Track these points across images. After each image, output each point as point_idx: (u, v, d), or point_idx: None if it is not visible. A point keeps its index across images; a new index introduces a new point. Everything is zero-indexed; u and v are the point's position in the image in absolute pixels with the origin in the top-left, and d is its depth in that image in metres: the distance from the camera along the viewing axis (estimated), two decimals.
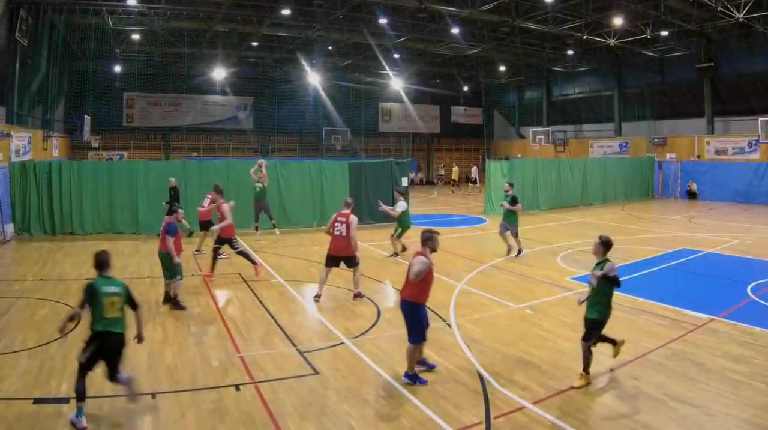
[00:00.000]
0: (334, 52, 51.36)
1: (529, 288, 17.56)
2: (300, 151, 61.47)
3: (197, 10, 38.11)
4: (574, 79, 59.84)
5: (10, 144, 29.10)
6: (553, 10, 38.40)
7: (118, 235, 26.54)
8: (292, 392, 10.14)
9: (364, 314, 14.92)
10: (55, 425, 8.77)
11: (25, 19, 32.31)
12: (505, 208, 22.29)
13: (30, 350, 11.87)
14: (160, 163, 33.58)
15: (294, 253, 23.21)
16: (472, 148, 70.79)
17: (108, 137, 54.46)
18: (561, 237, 27.12)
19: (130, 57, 51.48)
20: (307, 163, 30.71)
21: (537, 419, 9.09)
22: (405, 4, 37.10)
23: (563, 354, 11.91)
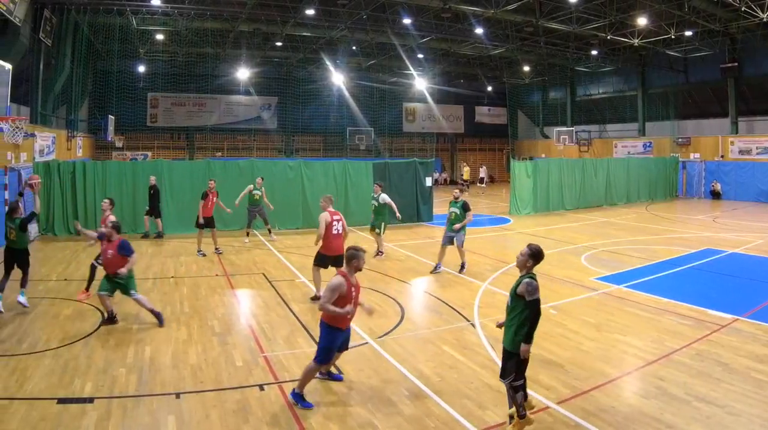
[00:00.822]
0: (358, 52, 51.33)
1: (552, 288, 17.49)
2: (324, 151, 61.61)
3: (221, 10, 38.30)
4: (598, 79, 59.70)
5: (34, 144, 29.26)
6: (577, 10, 38.36)
7: (141, 235, 26.61)
8: (316, 392, 10.14)
9: (388, 314, 14.92)
10: (79, 426, 8.79)
11: (49, 19, 32.48)
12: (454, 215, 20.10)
13: (54, 350, 11.90)
14: (184, 163, 33.58)
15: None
16: (496, 148, 70.69)
17: (132, 137, 54.80)
18: (585, 237, 27.04)
19: (154, 57, 51.72)
20: (332, 163, 30.72)
21: (561, 419, 9.10)
22: (429, 4, 37.11)
23: (587, 354, 11.88)
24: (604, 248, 24.06)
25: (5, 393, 9.82)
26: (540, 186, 36.35)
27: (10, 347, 12.07)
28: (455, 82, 66.35)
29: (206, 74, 56.11)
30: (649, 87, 54.67)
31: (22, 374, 10.62)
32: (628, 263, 21.28)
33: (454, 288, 17.62)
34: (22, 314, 14.53)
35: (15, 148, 25.51)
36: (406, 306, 15.68)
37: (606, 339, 12.77)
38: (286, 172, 29.24)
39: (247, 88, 57.43)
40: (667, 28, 40.41)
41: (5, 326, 13.51)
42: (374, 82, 60.79)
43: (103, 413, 9.16)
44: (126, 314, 14.66)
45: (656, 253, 23.14)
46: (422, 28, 42.65)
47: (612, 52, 51.44)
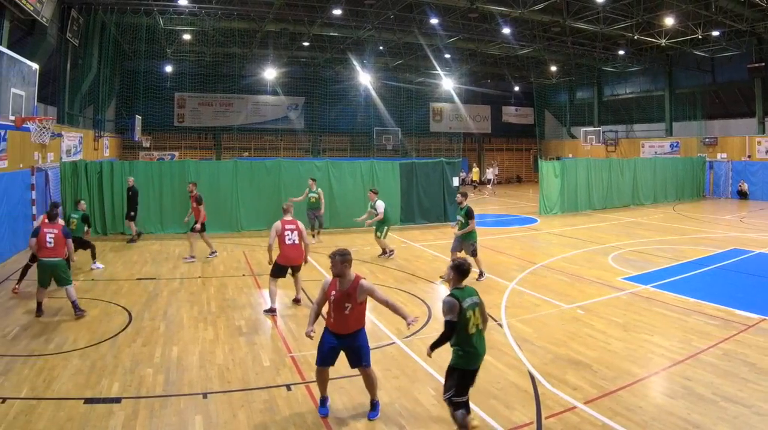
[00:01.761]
0: (385, 51, 51.26)
1: (580, 288, 17.53)
2: (351, 151, 61.58)
3: (248, 10, 38.33)
4: (625, 79, 59.43)
5: (61, 144, 29.45)
6: (604, 10, 38.25)
7: (168, 235, 26.72)
8: (343, 392, 10.22)
9: (415, 313, 14.69)
10: (106, 426, 8.87)
11: (76, 19, 32.65)
12: (460, 224, 18.97)
13: (81, 350, 12.00)
14: (211, 163, 33.72)
15: None
16: (523, 148, 70.48)
17: (159, 137, 55.00)
18: (612, 237, 26.96)
19: (181, 57, 51.89)
20: (359, 163, 30.77)
21: (588, 419, 9.10)
22: (456, 4, 37.08)
23: (614, 354, 11.87)
24: (632, 248, 23.99)
25: (33, 393, 9.92)
26: (568, 186, 36.30)
27: (37, 347, 12.19)
28: (482, 82, 66.34)
29: (233, 74, 56.28)
30: (676, 87, 54.41)
31: (49, 374, 10.72)
32: (655, 263, 21.20)
33: (480, 288, 17.33)
34: (50, 314, 14.66)
35: (42, 148, 25.68)
36: (433, 306, 15.67)
37: (633, 339, 12.76)
38: (314, 172, 29.08)
39: (274, 88, 57.49)
40: (694, 28, 40.26)
41: (32, 326, 13.64)
42: (401, 82, 60.74)
43: (130, 413, 9.25)
44: (154, 313, 14.81)
45: (683, 253, 23.08)
46: (449, 28, 42.62)
47: (639, 52, 51.23)
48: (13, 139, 21.97)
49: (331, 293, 9.66)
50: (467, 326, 8.60)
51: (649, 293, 16.80)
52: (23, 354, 11.77)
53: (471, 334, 8.61)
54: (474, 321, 8.65)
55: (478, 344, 8.63)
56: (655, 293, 16.77)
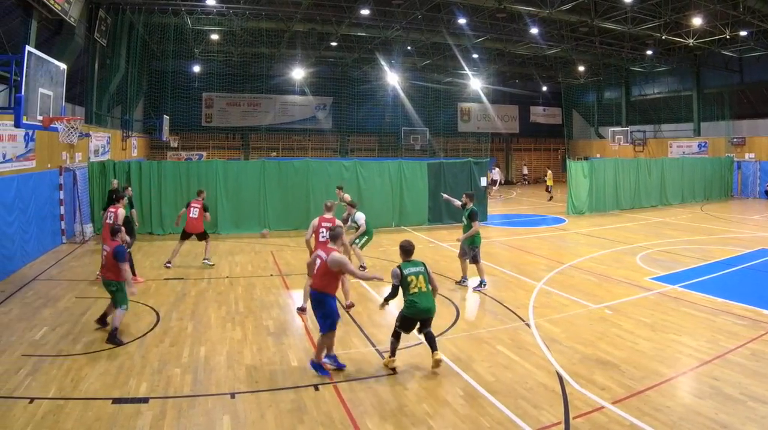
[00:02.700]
0: (413, 51, 51.31)
1: (608, 288, 17.51)
2: (379, 152, 61.63)
3: (276, 10, 38.39)
4: (653, 79, 59.18)
5: (89, 144, 29.63)
6: (632, 10, 38.10)
7: None
8: (371, 392, 10.25)
9: (443, 313, 14.74)
10: (134, 426, 8.93)
11: (104, 19, 32.79)
12: (464, 225, 18.87)
13: (109, 350, 12.06)
14: (239, 163, 33.79)
15: (373, 253, 23.22)
16: (551, 148, 70.31)
17: (187, 137, 55.16)
18: (640, 237, 26.89)
19: (209, 57, 52.26)
20: (387, 163, 30.77)
21: (616, 419, 9.09)
22: (484, 4, 37.04)
23: (642, 354, 11.85)
24: (660, 248, 23.94)
25: (60, 393, 9.99)
26: (596, 186, 36.23)
27: (65, 347, 12.27)
28: (510, 82, 66.22)
29: (261, 74, 56.26)
30: (704, 87, 54.15)
31: (77, 375, 10.79)
32: (683, 262, 21.16)
33: (509, 288, 17.65)
34: (78, 313, 14.79)
35: (70, 149, 25.82)
36: (461, 306, 15.78)
37: (661, 339, 12.74)
38: (342, 172, 29.28)
39: (302, 88, 57.56)
40: (722, 28, 40.07)
41: (60, 326, 13.73)
42: (429, 82, 60.67)
43: (157, 413, 9.31)
44: (182, 313, 14.90)
45: (711, 253, 23.02)
46: (477, 28, 42.54)
47: (667, 52, 50.99)
48: (41, 139, 22.16)
49: None
50: (409, 286, 11.21)
51: (677, 293, 16.77)
52: (51, 354, 11.86)
53: (413, 292, 11.18)
54: (416, 284, 11.23)
55: (419, 300, 11.15)
56: (682, 293, 16.74)
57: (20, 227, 19.98)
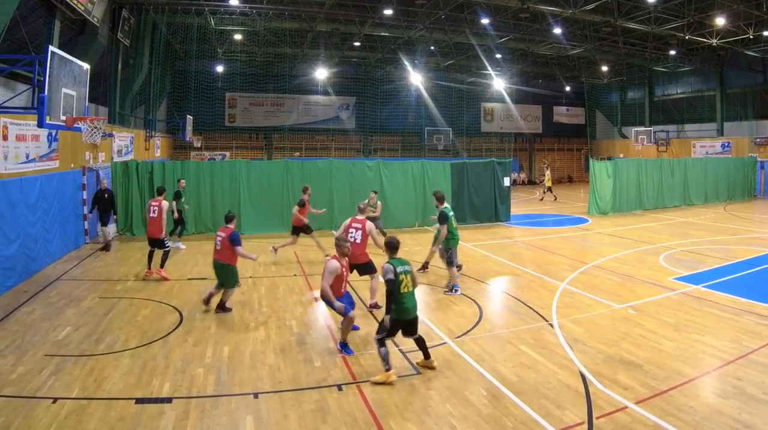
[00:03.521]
0: (436, 51, 51.33)
1: (631, 288, 17.46)
2: (402, 151, 61.69)
3: (299, 10, 38.55)
4: (676, 79, 59.00)
5: (113, 144, 29.77)
6: (656, 10, 38.05)
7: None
8: (395, 392, 10.25)
9: (466, 313, 14.99)
10: (157, 426, 8.97)
11: (127, 19, 33.03)
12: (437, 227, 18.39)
13: (132, 350, 12.11)
14: (262, 163, 33.79)
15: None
16: (574, 148, 70.11)
17: (210, 137, 55.40)
18: (663, 237, 26.80)
19: (232, 57, 52.34)
20: (410, 163, 30.75)
21: (639, 419, 9.07)
22: (507, 4, 37.07)
23: (666, 354, 11.83)
24: (683, 248, 23.88)
25: (83, 393, 10.04)
26: (619, 186, 36.12)
27: (88, 347, 12.32)
28: (533, 82, 66.15)
29: (284, 74, 56.47)
30: (728, 87, 53.95)
31: (100, 374, 10.84)
32: (706, 262, 21.09)
33: (532, 288, 17.63)
34: (101, 313, 14.86)
35: (93, 149, 25.93)
36: (484, 306, 15.75)
37: (684, 339, 12.71)
38: (365, 172, 29.37)
39: (325, 88, 57.72)
40: (745, 28, 39.92)
41: (83, 326, 13.79)
42: (452, 81, 60.66)
43: (181, 413, 9.35)
44: (205, 313, 14.96)
45: (734, 253, 22.92)
46: (500, 28, 42.56)
47: (690, 52, 50.86)
48: (64, 140, 22.25)
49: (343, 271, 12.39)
50: (401, 286, 10.96)
51: (700, 293, 16.73)
52: (74, 354, 11.91)
53: (403, 293, 10.99)
54: (406, 283, 11.07)
55: (408, 301, 11.07)
56: (706, 293, 16.70)
57: (43, 227, 20.05)
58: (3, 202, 16.79)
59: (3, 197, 16.82)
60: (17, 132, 18.13)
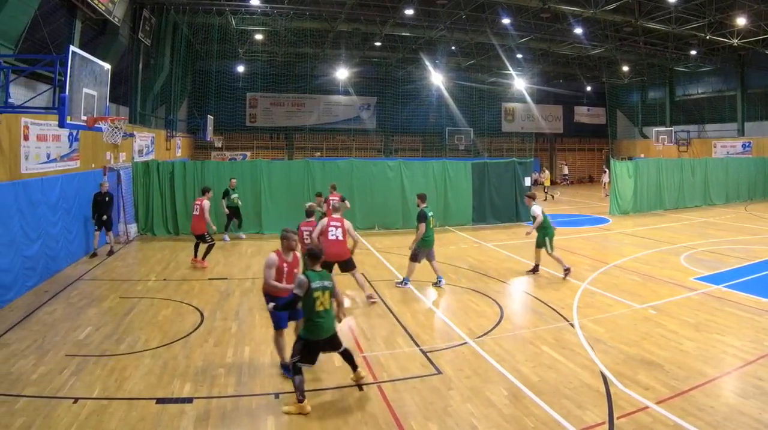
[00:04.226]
0: (457, 51, 51.28)
1: (652, 288, 17.46)
2: (423, 152, 61.64)
3: (320, 10, 38.65)
4: (697, 79, 58.66)
5: (134, 144, 29.92)
6: (676, 10, 37.95)
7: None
8: (416, 392, 10.29)
9: (487, 313, 15.02)
10: (178, 426, 9.07)
11: (148, 19, 33.16)
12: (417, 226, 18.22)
13: (153, 350, 12.18)
14: (283, 163, 33.84)
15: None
16: (595, 148, 69.84)
17: (231, 137, 55.47)
18: (684, 237, 26.75)
19: (253, 57, 52.33)
20: (431, 163, 30.74)
21: (660, 419, 9.09)
22: (528, 4, 37.10)
23: (687, 354, 11.85)
24: (704, 248, 23.84)
25: (104, 393, 10.12)
26: (640, 186, 36.11)
27: (109, 347, 12.41)
28: (554, 82, 65.96)
29: (305, 74, 56.56)
30: (749, 87, 53.60)
31: (120, 374, 10.92)
32: (727, 262, 21.06)
33: (553, 288, 17.67)
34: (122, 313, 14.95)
35: (114, 148, 26.06)
36: (505, 306, 15.79)
37: (705, 339, 12.72)
38: (386, 172, 29.40)
39: (346, 88, 57.70)
40: (766, 28, 39.77)
41: (104, 326, 13.89)
42: (473, 81, 60.55)
43: (201, 413, 9.42)
44: (226, 313, 15.03)
45: (756, 253, 22.86)
46: (521, 28, 42.53)
47: (711, 52, 50.65)
48: (85, 140, 22.38)
49: (284, 265, 11.23)
50: (314, 303, 9.82)
51: (722, 293, 16.72)
52: (95, 354, 12.00)
53: (317, 311, 9.85)
54: (322, 301, 9.87)
55: (322, 320, 9.91)
56: (727, 293, 16.68)
57: (64, 227, 20.18)
58: (24, 203, 16.93)
59: (24, 197, 16.94)
60: (38, 132, 18.25)
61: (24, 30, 18.17)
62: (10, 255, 15.92)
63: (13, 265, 16.15)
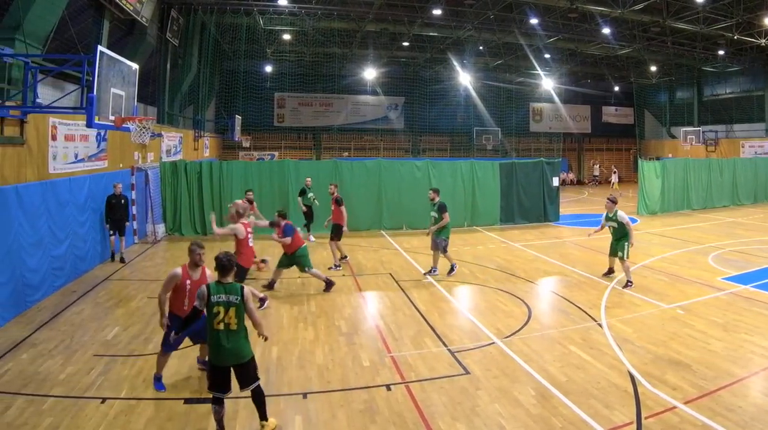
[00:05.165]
0: (485, 51, 51.22)
1: (680, 288, 17.43)
2: (451, 151, 61.63)
3: (348, 10, 38.79)
4: (725, 79, 58.53)
5: (161, 144, 30.03)
6: (704, 10, 37.85)
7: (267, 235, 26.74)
8: (443, 392, 10.30)
9: (515, 313, 15.05)
10: (206, 426, 9.16)
11: (176, 19, 33.41)
12: (433, 219, 19.38)
13: (181, 350, 12.03)
14: (311, 163, 33.87)
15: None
16: (623, 148, 69.57)
17: (258, 137, 55.78)
18: (712, 237, 26.63)
19: (281, 57, 52.57)
20: (459, 163, 30.66)
21: (688, 419, 9.10)
22: (556, 4, 37.12)
23: (715, 354, 11.83)
24: (732, 248, 23.76)
25: (132, 393, 10.22)
26: (667, 186, 35.98)
27: (136, 347, 12.53)
28: (582, 82, 65.76)
29: (333, 74, 56.66)
30: None
31: (148, 374, 10.94)
32: (755, 263, 20.97)
33: (581, 288, 17.66)
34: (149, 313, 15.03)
35: (142, 148, 26.15)
36: (533, 306, 15.80)
37: (733, 339, 12.70)
38: (414, 172, 29.35)
39: (374, 88, 57.94)
40: None
41: (132, 326, 14.01)
42: (501, 81, 60.46)
43: (230, 412, 9.41)
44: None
45: None
46: (549, 28, 42.49)
47: (739, 52, 50.42)
48: (113, 140, 22.54)
49: (186, 282, 10.52)
50: (213, 320, 8.67)
51: (750, 293, 16.67)
52: (123, 354, 12.11)
53: (217, 330, 8.67)
54: (222, 318, 8.65)
55: (224, 342, 8.66)
56: (755, 293, 16.64)
57: (92, 227, 20.27)
58: (52, 203, 17.04)
59: (52, 197, 17.05)
60: (66, 132, 18.38)
61: (52, 30, 18.29)
62: (38, 255, 16.01)
63: (41, 265, 16.24)
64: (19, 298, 14.81)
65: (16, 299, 14.67)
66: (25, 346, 12.54)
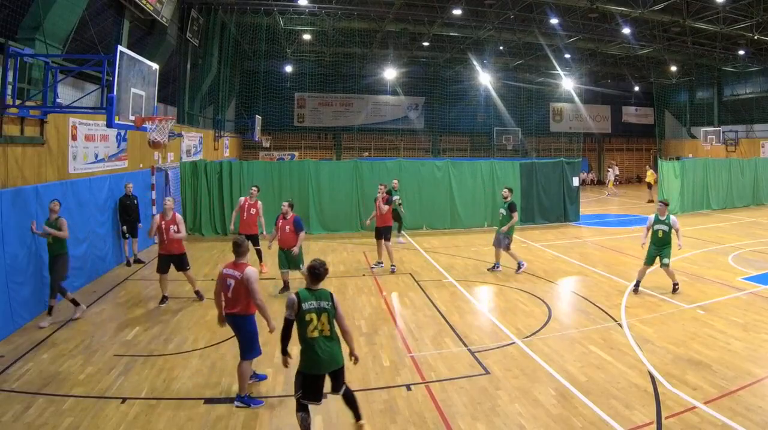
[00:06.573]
0: (505, 51, 51.08)
1: (700, 288, 17.43)
2: (471, 152, 61.57)
3: (368, 10, 38.74)
4: (745, 79, 58.19)
5: (182, 144, 30.07)
6: (724, 10, 37.69)
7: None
8: (464, 392, 10.36)
9: (535, 313, 15.09)
10: (226, 426, 9.23)
11: (196, 19, 33.45)
12: (501, 216, 20.07)
13: (201, 350, 12.34)
14: (332, 163, 33.89)
15: (465, 253, 23.39)
16: (643, 148, 69.25)
17: (279, 137, 55.80)
18: (732, 237, 26.56)
19: (301, 57, 52.59)
20: (479, 163, 30.67)
21: (708, 419, 9.11)
22: (576, 4, 36.99)
23: (735, 354, 11.84)
24: (752, 248, 23.71)
25: (153, 393, 10.30)
26: (687, 186, 35.88)
27: (157, 347, 12.60)
28: (602, 82, 65.54)
29: (353, 74, 56.69)
30: None
31: (169, 375, 11.09)
32: None
33: (600, 288, 17.70)
34: (170, 313, 15.18)
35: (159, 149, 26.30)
36: (553, 306, 15.83)
37: (753, 339, 12.72)
38: (434, 172, 29.38)
39: (394, 88, 57.74)
40: None
41: (153, 326, 14.09)
42: (521, 81, 60.34)
43: (250, 413, 9.56)
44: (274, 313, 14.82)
45: None
46: (569, 28, 42.38)
47: (759, 52, 50.19)
48: (133, 140, 22.65)
49: None
50: (307, 328, 8.60)
51: None
52: (143, 354, 12.19)
53: (312, 337, 8.60)
54: (316, 325, 8.59)
55: (320, 350, 8.60)
56: None
57: (112, 228, 20.38)
58: (72, 202, 17.11)
59: (72, 197, 17.15)
60: (86, 132, 18.50)
61: (72, 30, 18.39)
62: None
63: None
64: (39, 298, 14.86)
65: (36, 299, 14.74)
66: (45, 346, 12.64)
